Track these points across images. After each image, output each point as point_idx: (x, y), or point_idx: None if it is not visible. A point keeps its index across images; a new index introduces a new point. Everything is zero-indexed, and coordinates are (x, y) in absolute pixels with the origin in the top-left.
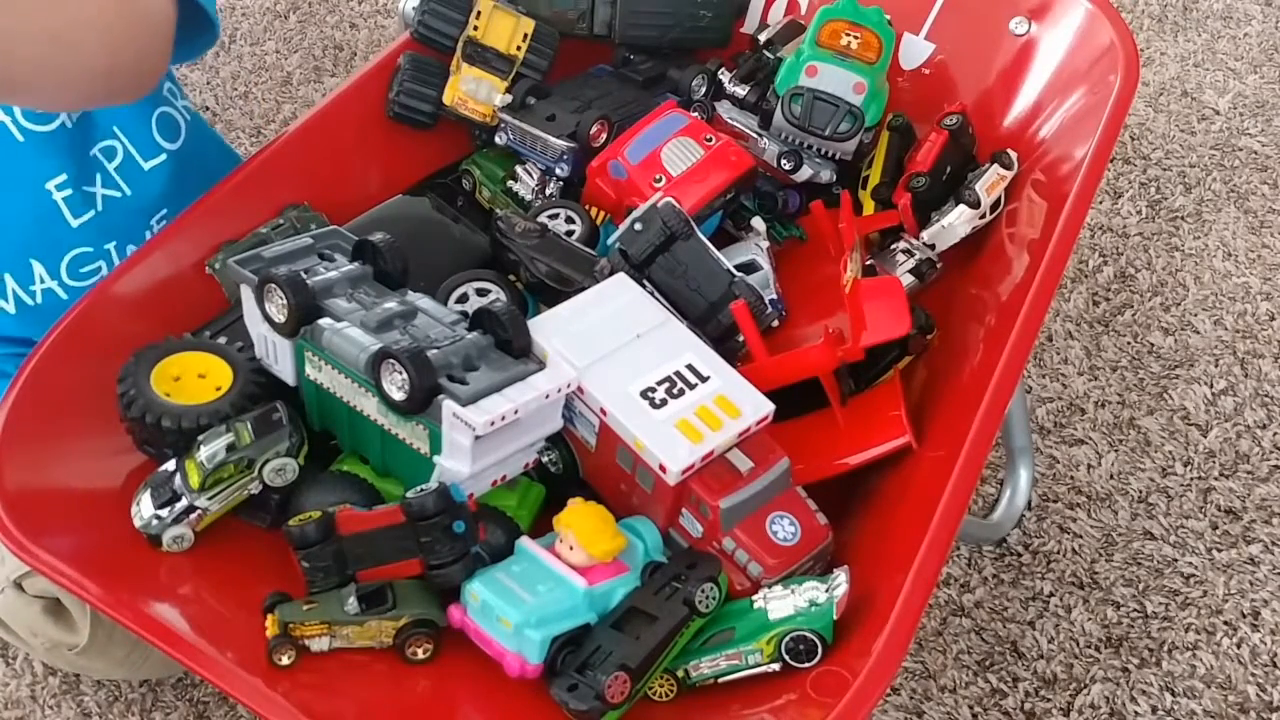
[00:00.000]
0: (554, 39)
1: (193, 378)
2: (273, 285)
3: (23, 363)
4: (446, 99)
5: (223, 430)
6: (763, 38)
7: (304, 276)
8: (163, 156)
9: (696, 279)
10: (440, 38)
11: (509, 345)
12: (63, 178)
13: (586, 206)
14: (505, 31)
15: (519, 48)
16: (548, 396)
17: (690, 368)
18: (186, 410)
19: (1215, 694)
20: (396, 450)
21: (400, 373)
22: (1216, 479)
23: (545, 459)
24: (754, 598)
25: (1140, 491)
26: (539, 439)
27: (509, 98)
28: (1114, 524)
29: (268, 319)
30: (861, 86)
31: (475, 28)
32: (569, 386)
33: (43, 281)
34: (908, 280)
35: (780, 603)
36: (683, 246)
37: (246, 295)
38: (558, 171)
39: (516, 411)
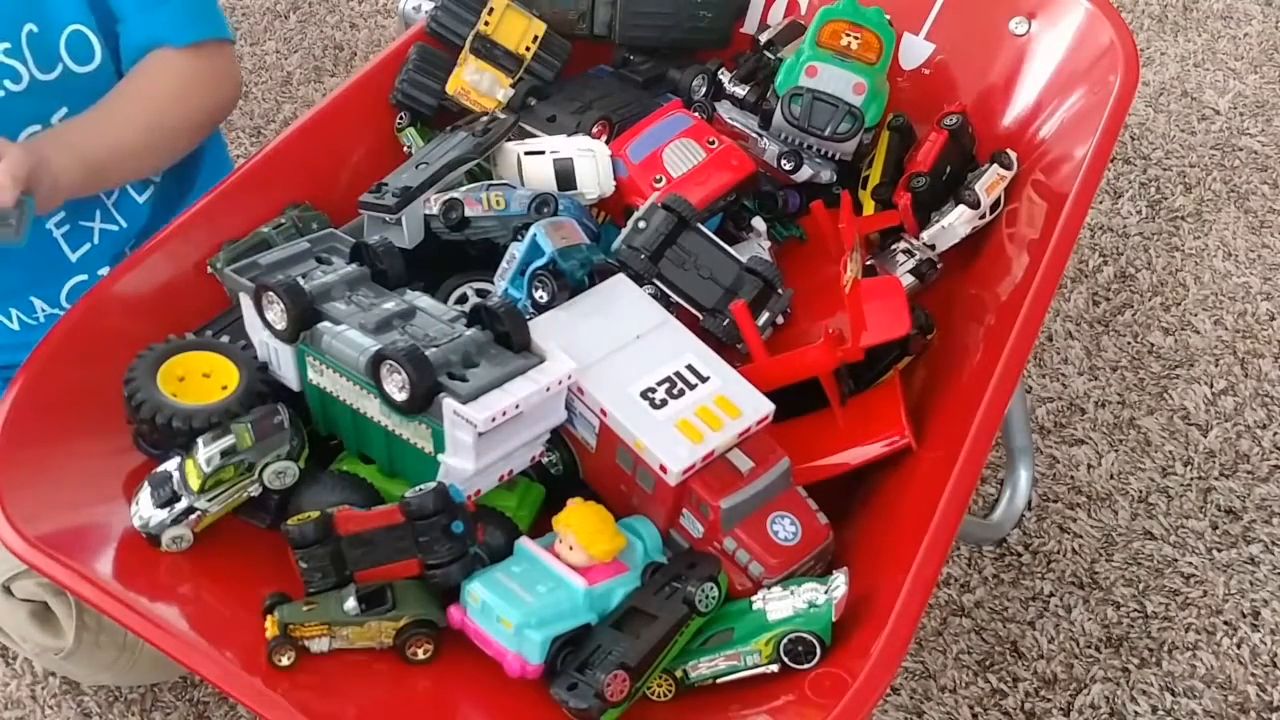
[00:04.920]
0: (564, 50)
1: (197, 377)
2: (270, 292)
3: (23, 363)
4: (450, 88)
5: (223, 432)
6: (763, 38)
7: (300, 282)
8: (151, 189)
9: (708, 267)
10: (451, 35)
11: (508, 340)
12: (61, 215)
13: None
14: (516, 31)
15: (528, 49)
16: (548, 389)
17: (690, 368)
18: (197, 410)
19: (1215, 694)
20: (402, 451)
21: (400, 373)
22: (1216, 479)
23: (545, 460)
24: (753, 598)
25: (1140, 491)
26: (544, 432)
27: (511, 91)
28: (1114, 524)
29: (268, 325)
30: (861, 87)
31: (486, 23)
32: (569, 378)
33: (44, 310)
34: (908, 280)
35: (779, 604)
36: (688, 237)
37: (245, 303)
38: None
39: (518, 406)
